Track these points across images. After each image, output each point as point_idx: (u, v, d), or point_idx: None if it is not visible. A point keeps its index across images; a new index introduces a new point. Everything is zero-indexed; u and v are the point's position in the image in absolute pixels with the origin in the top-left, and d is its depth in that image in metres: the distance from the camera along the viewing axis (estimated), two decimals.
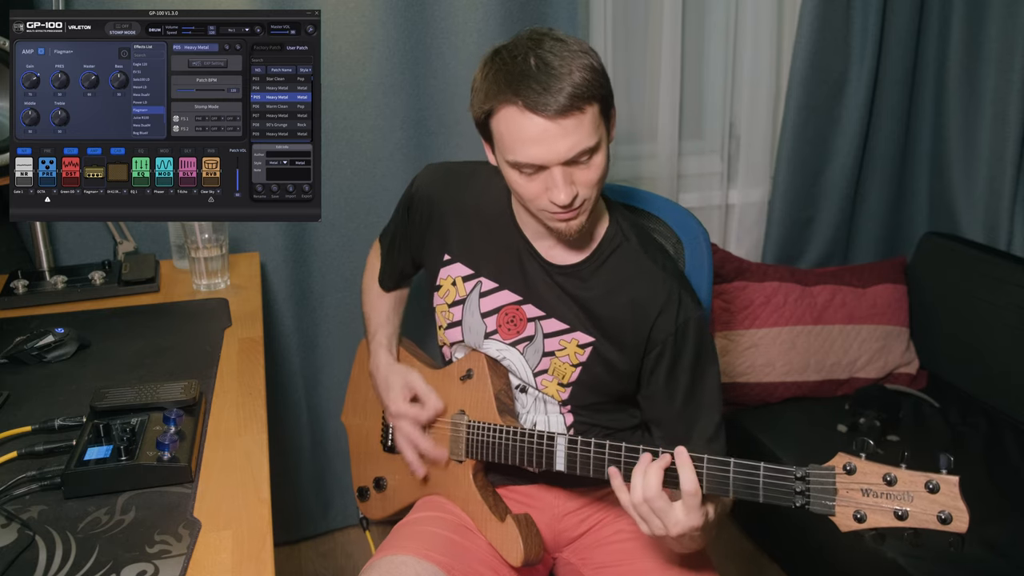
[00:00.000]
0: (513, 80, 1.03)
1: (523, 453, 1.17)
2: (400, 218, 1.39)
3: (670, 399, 1.19)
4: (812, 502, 0.95)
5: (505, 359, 1.26)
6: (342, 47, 1.80)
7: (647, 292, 1.18)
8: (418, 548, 1.17)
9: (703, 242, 1.42)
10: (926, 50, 2.28)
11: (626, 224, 1.24)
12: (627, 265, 1.20)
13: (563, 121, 1.02)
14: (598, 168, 1.08)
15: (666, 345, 1.17)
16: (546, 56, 1.03)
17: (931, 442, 1.96)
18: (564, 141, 1.03)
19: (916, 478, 0.89)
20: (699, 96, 2.30)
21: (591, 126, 1.05)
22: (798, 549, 1.94)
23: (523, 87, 1.02)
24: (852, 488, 0.92)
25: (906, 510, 0.89)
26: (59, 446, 1.01)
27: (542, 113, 1.02)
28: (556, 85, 1.01)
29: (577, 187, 1.07)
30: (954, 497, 0.87)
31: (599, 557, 1.27)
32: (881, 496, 0.91)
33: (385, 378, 1.34)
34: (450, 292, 1.30)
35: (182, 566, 0.83)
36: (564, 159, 1.04)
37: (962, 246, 2.20)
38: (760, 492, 0.98)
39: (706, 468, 1.00)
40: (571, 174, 1.07)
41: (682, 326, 1.17)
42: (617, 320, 1.19)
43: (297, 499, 2.13)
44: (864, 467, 0.92)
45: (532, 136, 1.03)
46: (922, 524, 0.89)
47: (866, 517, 0.91)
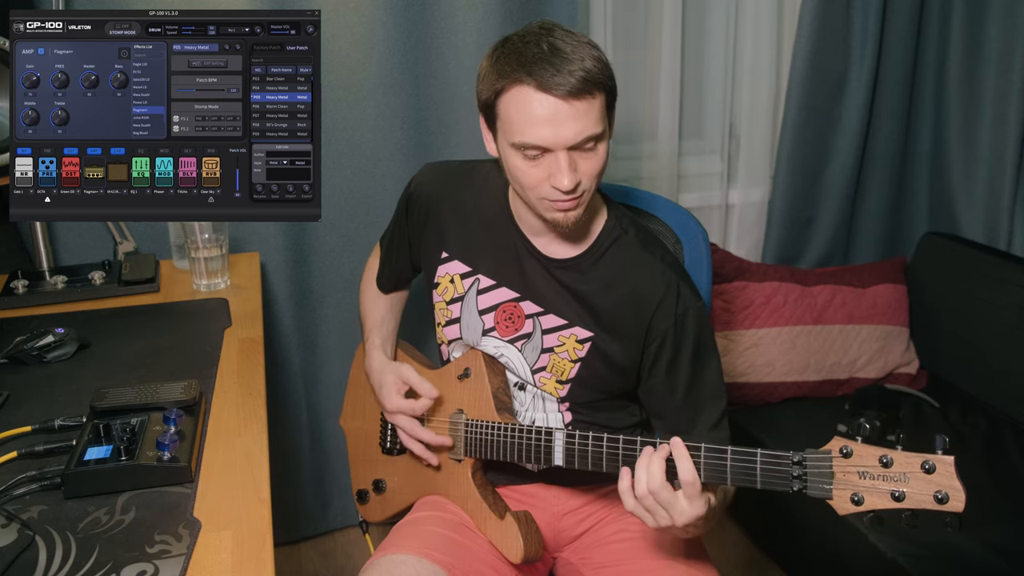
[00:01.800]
0: (526, 61, 1.04)
1: (521, 449, 1.18)
2: (398, 218, 1.39)
3: (672, 391, 1.20)
4: (809, 486, 0.95)
5: (503, 356, 1.26)
6: (342, 47, 1.80)
7: (646, 284, 1.19)
8: (418, 547, 1.17)
9: (702, 242, 1.42)
10: (926, 50, 2.28)
11: (624, 219, 1.25)
12: (626, 258, 1.21)
13: (575, 103, 1.04)
14: (601, 159, 1.10)
15: (666, 337, 1.18)
16: (557, 43, 1.05)
17: (931, 442, 1.96)
18: (573, 125, 1.04)
19: (912, 459, 0.90)
20: (699, 96, 2.30)
21: (599, 114, 1.06)
22: (798, 549, 1.94)
23: (536, 67, 1.03)
24: (849, 471, 0.93)
25: (903, 491, 0.89)
26: (59, 446, 1.00)
27: (554, 93, 1.03)
28: (568, 67, 1.03)
29: (580, 175, 1.08)
30: (950, 476, 0.88)
31: (599, 556, 1.27)
32: (878, 478, 0.91)
33: (379, 377, 1.34)
34: (448, 289, 1.30)
35: (182, 566, 0.83)
36: (571, 143, 1.05)
37: (962, 246, 2.20)
38: (757, 478, 0.98)
39: (703, 456, 1.01)
40: (575, 161, 1.08)
41: (681, 317, 1.18)
42: (616, 312, 1.19)
43: (297, 499, 2.13)
44: (860, 450, 0.92)
45: (542, 116, 1.04)
46: (919, 504, 0.89)
47: (863, 499, 0.92)
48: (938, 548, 1.58)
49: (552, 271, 1.22)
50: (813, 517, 1.84)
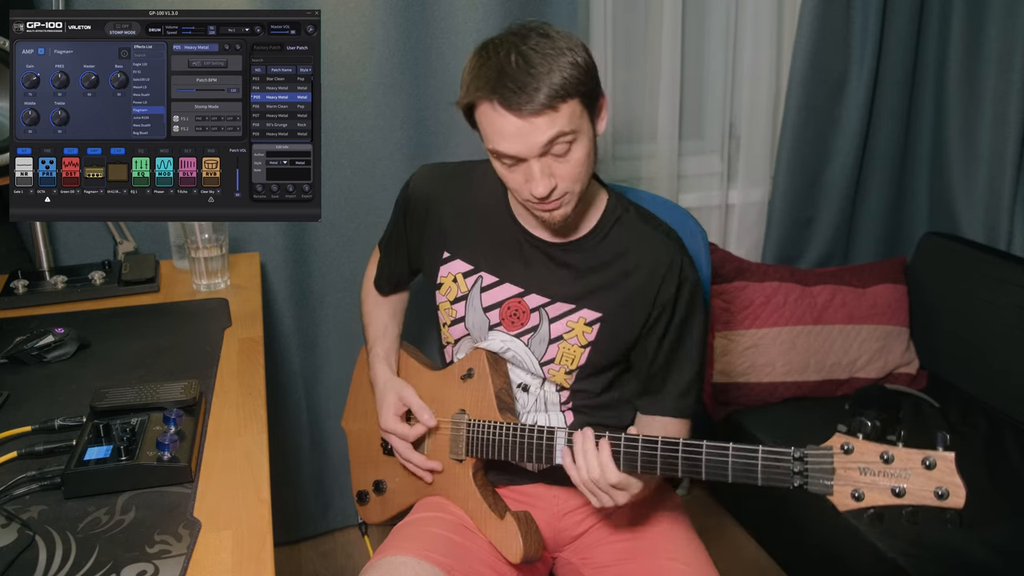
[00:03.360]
0: (492, 77, 1.05)
1: (523, 449, 1.18)
2: (396, 221, 1.39)
3: (656, 351, 1.24)
4: (810, 482, 0.95)
5: (509, 351, 1.27)
6: (342, 47, 1.80)
7: (651, 258, 1.21)
8: (418, 549, 1.17)
9: (701, 241, 1.43)
10: (926, 50, 2.28)
11: (623, 199, 1.27)
12: (630, 234, 1.23)
13: (535, 120, 1.05)
14: (577, 163, 1.10)
15: (665, 307, 1.22)
16: (528, 53, 1.05)
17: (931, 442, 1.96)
18: (540, 135, 1.06)
19: (913, 455, 0.90)
20: (699, 96, 2.30)
21: (566, 119, 1.06)
22: (798, 549, 1.94)
23: (499, 85, 1.04)
24: (850, 467, 0.93)
25: (903, 487, 0.89)
26: (59, 446, 1.00)
27: (515, 112, 1.05)
28: (532, 84, 1.03)
29: (556, 179, 1.10)
30: (950, 473, 0.88)
31: (599, 556, 1.27)
32: (878, 474, 0.91)
33: (381, 392, 1.35)
34: (451, 289, 1.30)
35: (182, 566, 0.83)
36: (539, 152, 1.07)
37: (962, 246, 2.20)
38: (759, 475, 0.99)
39: (705, 453, 1.02)
40: (550, 166, 1.09)
41: (681, 286, 1.22)
42: (624, 285, 1.22)
43: (297, 499, 2.13)
44: (861, 446, 0.93)
45: (509, 132, 1.07)
46: (919, 501, 0.89)
47: (864, 495, 0.92)
48: (938, 548, 1.58)
49: (555, 256, 1.24)
50: (813, 517, 1.84)
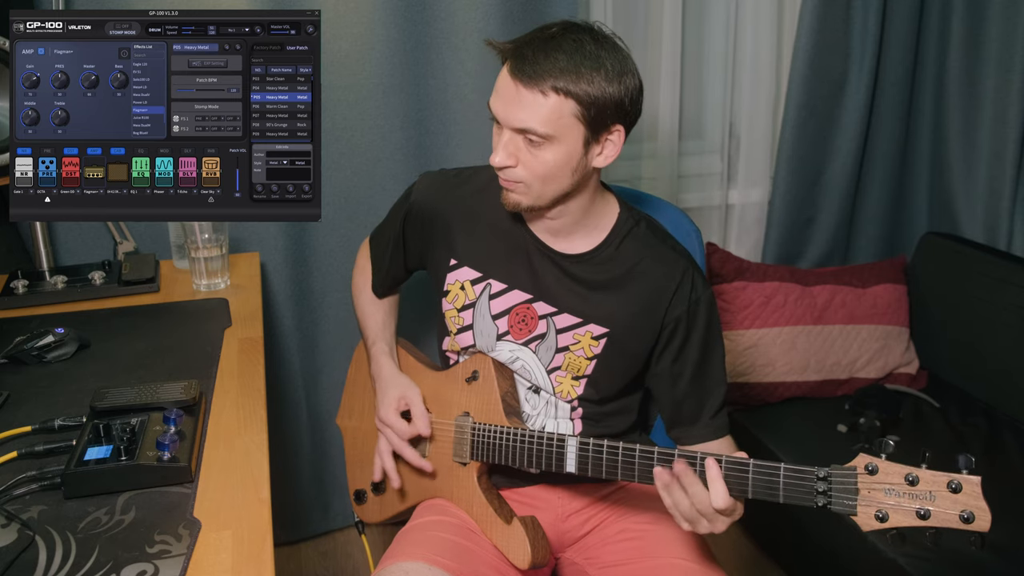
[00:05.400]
0: (525, 41, 1.09)
1: (531, 455, 1.17)
2: (395, 226, 1.37)
3: (679, 376, 1.22)
4: (834, 502, 0.95)
5: (517, 360, 1.26)
6: (342, 47, 1.79)
7: (661, 273, 1.21)
8: (426, 554, 1.16)
9: (695, 241, 1.44)
10: (926, 50, 2.28)
11: (634, 211, 1.27)
12: (640, 248, 1.23)
13: (523, 91, 1.07)
14: (544, 163, 1.10)
15: (679, 324, 1.20)
16: (566, 42, 1.07)
17: (931, 442, 1.96)
18: (517, 110, 1.08)
19: (938, 478, 0.90)
20: (699, 96, 2.30)
21: (548, 112, 1.07)
22: (798, 550, 1.94)
23: (523, 49, 1.08)
24: (875, 488, 0.93)
25: (928, 509, 0.90)
26: (59, 446, 1.00)
27: (513, 75, 1.08)
28: (542, 62, 1.06)
29: (519, 163, 1.11)
30: (976, 496, 0.89)
31: (604, 556, 1.27)
32: (903, 496, 0.91)
33: (385, 387, 1.33)
34: (459, 297, 1.30)
35: (182, 566, 0.83)
36: (512, 126, 1.09)
37: (962, 246, 2.20)
38: (780, 493, 0.98)
39: (725, 469, 1.01)
40: (518, 146, 1.11)
41: (694, 305, 1.20)
42: (633, 301, 1.21)
43: (297, 499, 2.12)
44: (886, 467, 0.92)
45: (500, 90, 1.11)
46: (944, 523, 0.90)
47: (888, 516, 0.92)
48: (938, 549, 1.58)
49: (565, 267, 1.23)
50: (813, 518, 1.84)
